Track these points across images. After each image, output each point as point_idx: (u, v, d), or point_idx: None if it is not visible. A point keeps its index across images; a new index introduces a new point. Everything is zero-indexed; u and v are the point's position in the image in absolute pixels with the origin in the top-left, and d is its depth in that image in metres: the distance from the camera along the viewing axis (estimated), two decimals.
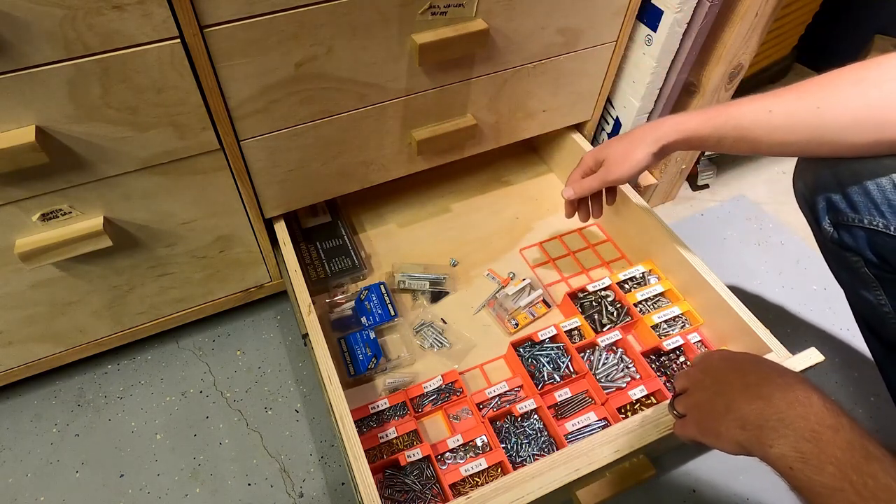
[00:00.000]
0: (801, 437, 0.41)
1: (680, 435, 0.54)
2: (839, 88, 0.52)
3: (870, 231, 0.53)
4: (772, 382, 0.45)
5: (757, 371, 0.48)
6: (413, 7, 0.63)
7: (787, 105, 0.54)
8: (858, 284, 0.58)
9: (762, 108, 0.56)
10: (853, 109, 0.50)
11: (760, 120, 0.56)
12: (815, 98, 0.53)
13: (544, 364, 0.76)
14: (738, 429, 0.45)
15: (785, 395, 0.44)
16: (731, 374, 0.49)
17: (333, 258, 0.87)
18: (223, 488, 0.77)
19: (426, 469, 0.67)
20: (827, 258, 0.63)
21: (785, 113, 0.54)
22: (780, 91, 0.56)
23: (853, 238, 0.55)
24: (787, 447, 0.41)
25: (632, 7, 0.78)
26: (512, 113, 0.84)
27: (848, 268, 0.58)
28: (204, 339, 0.91)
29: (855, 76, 0.51)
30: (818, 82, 0.53)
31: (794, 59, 1.19)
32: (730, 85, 0.90)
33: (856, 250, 0.56)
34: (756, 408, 0.44)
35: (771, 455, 0.42)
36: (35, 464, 0.79)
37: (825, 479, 0.39)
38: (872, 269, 0.56)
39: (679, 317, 0.79)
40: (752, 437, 0.44)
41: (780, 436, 0.42)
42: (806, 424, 0.41)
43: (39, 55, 0.49)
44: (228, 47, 0.57)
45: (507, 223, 0.96)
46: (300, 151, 0.72)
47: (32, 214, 0.60)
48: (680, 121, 0.62)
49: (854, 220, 0.54)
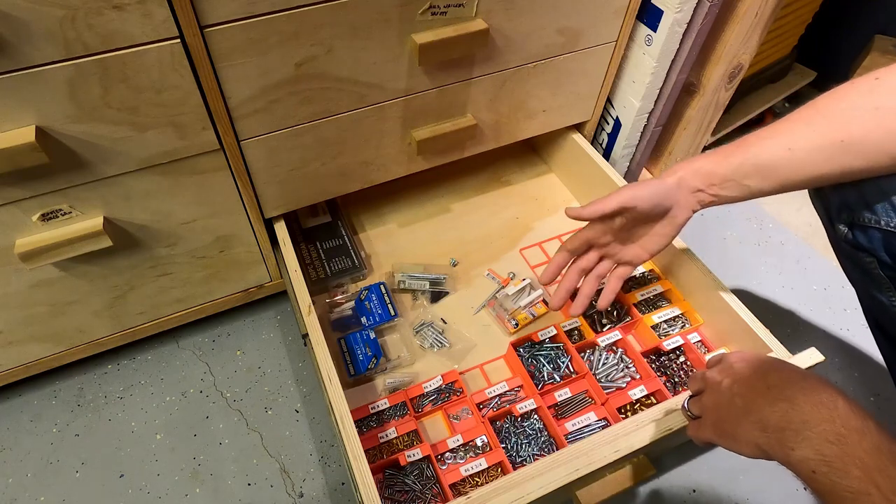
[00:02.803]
0: (825, 440, 0.40)
1: (694, 437, 0.53)
2: (859, 117, 0.50)
3: (886, 232, 0.52)
4: (794, 385, 0.44)
5: (779, 373, 0.47)
6: (413, 7, 0.63)
7: (806, 141, 0.53)
8: (871, 285, 0.57)
9: (780, 146, 0.54)
10: (879, 139, 0.49)
11: (781, 158, 0.54)
12: (835, 130, 0.51)
13: (544, 364, 0.76)
14: (758, 431, 0.44)
15: (809, 398, 0.43)
16: (752, 375, 0.48)
17: (333, 258, 0.87)
18: (223, 488, 0.77)
19: (426, 469, 0.67)
20: (840, 258, 0.62)
21: (806, 149, 0.53)
22: (793, 121, 0.54)
23: (868, 238, 0.54)
24: (811, 450, 0.40)
25: (632, 7, 0.78)
26: (512, 113, 0.84)
27: (861, 268, 0.57)
28: (204, 339, 0.91)
29: (870, 102, 0.50)
30: (829, 109, 0.52)
31: (794, 59, 1.19)
32: (730, 85, 0.90)
33: (870, 251, 0.54)
34: (778, 410, 0.43)
35: (793, 458, 0.42)
36: (35, 464, 0.79)
37: (850, 482, 0.38)
38: (886, 271, 0.55)
39: (679, 317, 0.79)
40: (772, 440, 0.43)
41: (804, 439, 0.41)
42: (831, 428, 0.40)
43: (39, 55, 0.49)
44: (228, 47, 0.57)
45: (507, 223, 0.96)
46: (300, 151, 0.72)
47: (32, 214, 0.60)
48: (690, 160, 0.61)
49: (870, 221, 0.53)
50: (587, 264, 0.70)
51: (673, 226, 0.63)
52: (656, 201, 0.61)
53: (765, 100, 1.15)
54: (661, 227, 0.64)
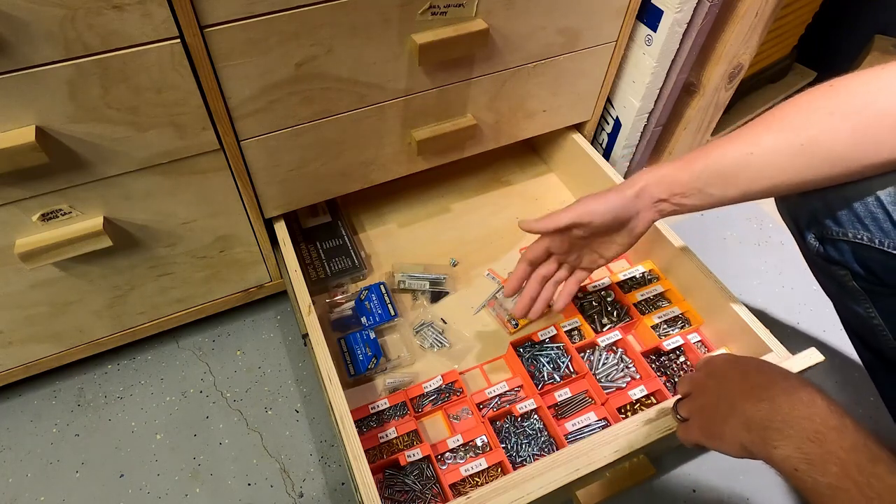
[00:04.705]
0: (805, 438, 0.41)
1: (683, 439, 0.54)
2: (816, 121, 0.50)
3: (854, 244, 0.52)
4: (776, 385, 0.45)
5: (761, 374, 0.48)
6: (413, 7, 0.63)
7: (766, 145, 0.53)
8: (847, 297, 0.57)
9: (741, 151, 0.54)
10: (834, 142, 0.49)
11: (741, 163, 0.54)
12: (794, 134, 0.51)
13: (544, 364, 0.76)
14: (742, 431, 0.45)
15: (789, 398, 0.44)
16: (735, 376, 0.49)
17: (333, 258, 0.87)
18: (223, 488, 0.77)
19: (426, 469, 0.67)
20: (814, 271, 0.62)
21: (766, 154, 0.53)
22: (754, 127, 0.54)
23: (839, 251, 0.54)
24: (792, 448, 0.41)
25: (632, 7, 0.78)
26: (512, 113, 0.84)
27: (835, 281, 0.57)
28: (204, 339, 0.91)
29: (826, 107, 0.50)
30: (788, 115, 0.52)
31: (794, 59, 1.19)
32: (730, 85, 0.90)
33: (842, 263, 0.54)
34: (761, 410, 0.44)
35: (775, 457, 0.42)
36: (35, 464, 0.79)
37: (829, 479, 0.39)
38: (860, 283, 0.55)
39: (679, 317, 0.79)
40: (756, 439, 0.44)
41: (785, 437, 0.42)
42: (810, 426, 0.41)
43: (39, 55, 0.49)
44: (228, 47, 0.57)
45: (507, 223, 0.96)
46: (300, 151, 0.72)
47: (32, 214, 0.60)
48: (654, 167, 0.60)
49: (838, 234, 0.53)
50: (547, 272, 0.70)
51: (631, 236, 0.64)
52: (613, 215, 0.61)
53: (765, 100, 1.15)
54: (620, 237, 0.64)
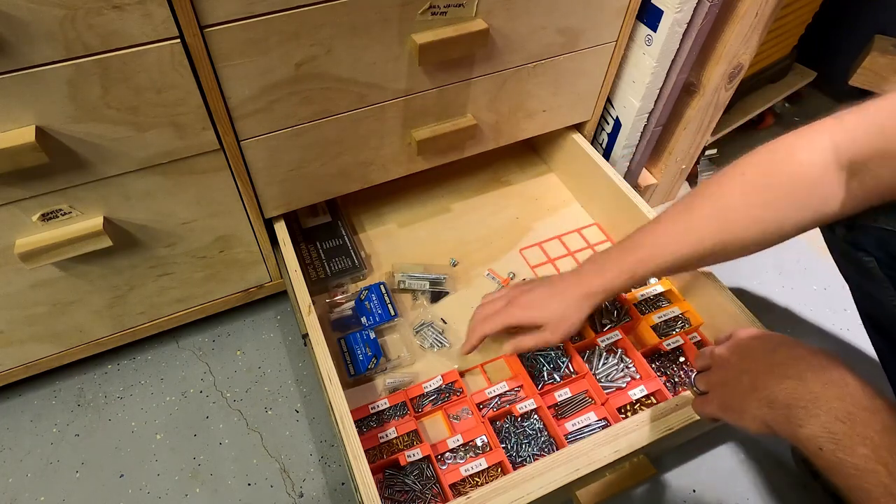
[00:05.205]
0: (834, 417, 0.41)
1: (698, 411, 0.54)
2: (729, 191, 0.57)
3: (885, 231, 0.52)
4: (803, 361, 0.45)
5: (787, 350, 0.47)
6: (413, 7, 0.63)
7: (684, 223, 0.59)
8: (869, 285, 0.57)
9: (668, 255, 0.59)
10: (744, 206, 0.55)
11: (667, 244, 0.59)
12: (710, 203, 0.58)
13: (544, 364, 0.76)
14: (764, 407, 0.45)
15: (819, 376, 0.43)
16: (760, 351, 0.49)
17: (333, 258, 0.87)
18: (223, 488, 0.77)
19: (426, 469, 0.67)
20: (836, 256, 0.62)
21: (682, 231, 0.58)
22: (672, 212, 0.60)
23: (868, 238, 0.54)
24: (818, 428, 0.41)
25: (632, 7, 0.78)
26: (512, 113, 0.84)
27: (860, 268, 0.57)
28: (204, 339, 0.91)
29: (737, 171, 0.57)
30: (704, 189, 0.58)
31: (794, 59, 1.19)
32: (730, 85, 0.90)
33: (869, 250, 0.54)
34: (786, 387, 0.44)
35: (800, 435, 0.42)
36: (35, 464, 0.79)
37: (857, 460, 0.39)
38: (886, 271, 0.54)
39: (679, 317, 0.79)
40: (779, 417, 0.44)
41: (812, 416, 0.42)
42: (841, 406, 0.41)
43: (39, 55, 0.49)
44: (228, 47, 0.57)
45: (507, 223, 0.96)
46: (300, 151, 0.72)
47: (32, 214, 0.60)
48: (601, 278, 0.64)
49: (868, 221, 0.53)
50: None
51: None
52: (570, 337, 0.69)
53: (765, 100, 1.15)
54: None
